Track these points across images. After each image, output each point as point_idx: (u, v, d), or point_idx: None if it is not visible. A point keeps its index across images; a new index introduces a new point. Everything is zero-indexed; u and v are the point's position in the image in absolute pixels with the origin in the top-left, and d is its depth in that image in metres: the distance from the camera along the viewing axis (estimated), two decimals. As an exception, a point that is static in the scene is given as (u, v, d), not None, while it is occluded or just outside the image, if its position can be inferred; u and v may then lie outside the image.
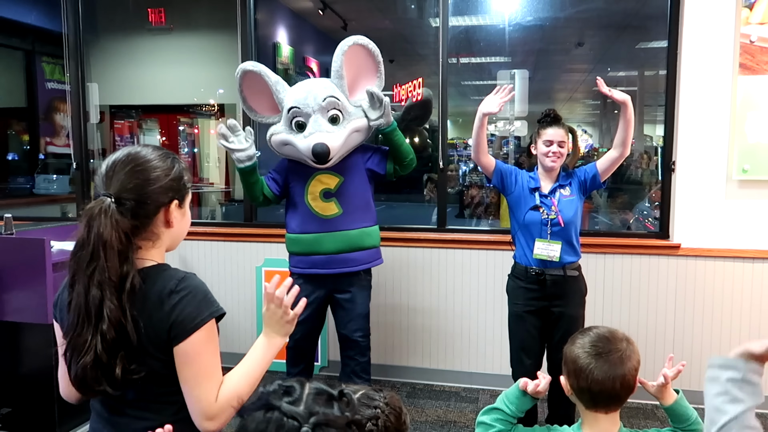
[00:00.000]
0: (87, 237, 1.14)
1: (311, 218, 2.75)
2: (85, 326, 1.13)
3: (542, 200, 2.60)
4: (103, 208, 1.14)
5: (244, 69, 2.78)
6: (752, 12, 3.08)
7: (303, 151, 2.65)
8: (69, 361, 1.16)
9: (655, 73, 5.78)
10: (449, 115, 3.71)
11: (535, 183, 2.63)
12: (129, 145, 1.27)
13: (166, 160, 1.24)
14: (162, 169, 1.21)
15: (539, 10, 4.96)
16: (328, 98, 2.68)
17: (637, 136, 7.85)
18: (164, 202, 1.22)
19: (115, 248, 1.13)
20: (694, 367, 3.27)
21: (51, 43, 4.70)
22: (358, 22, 6.28)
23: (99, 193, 1.17)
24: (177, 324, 1.16)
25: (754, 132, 3.11)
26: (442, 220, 3.65)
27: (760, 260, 3.16)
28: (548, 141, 2.58)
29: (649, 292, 3.31)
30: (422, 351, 3.62)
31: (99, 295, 1.12)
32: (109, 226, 1.13)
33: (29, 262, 2.65)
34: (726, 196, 3.18)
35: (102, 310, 1.12)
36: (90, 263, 1.13)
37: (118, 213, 1.15)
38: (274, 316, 1.29)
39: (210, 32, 5.08)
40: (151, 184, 1.19)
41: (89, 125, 4.23)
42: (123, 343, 1.14)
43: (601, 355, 1.29)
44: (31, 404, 2.77)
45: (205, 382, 1.18)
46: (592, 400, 1.31)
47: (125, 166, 1.19)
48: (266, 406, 0.76)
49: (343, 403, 0.78)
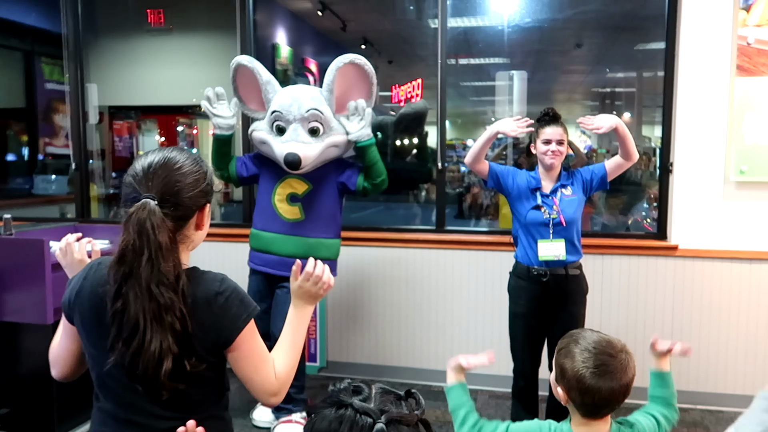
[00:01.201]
0: (138, 240, 1.13)
1: (273, 218, 2.84)
2: (149, 330, 1.12)
3: (543, 200, 2.60)
4: (150, 209, 1.14)
5: (239, 62, 2.86)
6: (749, 14, 3.09)
7: (277, 154, 2.74)
8: (128, 368, 1.15)
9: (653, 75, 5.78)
10: (448, 116, 3.72)
11: (536, 183, 2.64)
12: (162, 148, 1.26)
13: (199, 165, 1.26)
14: (198, 174, 1.24)
15: (538, 12, 4.96)
16: (312, 110, 2.73)
17: (636, 137, 7.86)
18: (200, 206, 1.25)
19: (170, 249, 1.15)
20: (691, 367, 3.29)
21: (50, 44, 4.69)
22: (357, 23, 6.28)
23: (139, 196, 1.16)
24: (227, 326, 1.21)
25: (752, 133, 3.12)
26: (441, 221, 3.66)
27: (757, 261, 3.17)
28: (547, 140, 2.59)
29: (647, 292, 3.31)
30: (420, 351, 3.62)
31: (165, 297, 1.13)
32: (162, 228, 1.14)
33: (28, 263, 2.66)
34: (723, 197, 3.19)
35: (170, 310, 1.13)
36: (146, 267, 1.13)
37: (162, 214, 1.16)
38: (309, 291, 1.36)
39: (209, 33, 5.08)
40: (190, 188, 1.21)
41: (88, 126, 4.24)
42: (186, 339, 1.16)
43: (608, 374, 1.28)
44: (30, 405, 2.77)
45: (262, 368, 1.26)
46: (594, 412, 1.32)
47: (165, 170, 1.20)
48: (338, 404, 0.77)
49: (412, 402, 0.79)
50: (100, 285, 1.19)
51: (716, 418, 3.16)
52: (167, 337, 1.12)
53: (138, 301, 1.13)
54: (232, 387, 1.34)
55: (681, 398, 3.47)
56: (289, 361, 1.31)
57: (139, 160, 1.22)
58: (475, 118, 9.39)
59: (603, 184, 2.67)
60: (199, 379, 1.20)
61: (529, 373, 2.73)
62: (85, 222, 3.99)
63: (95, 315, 1.20)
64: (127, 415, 1.23)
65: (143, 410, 1.21)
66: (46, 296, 2.63)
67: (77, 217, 4.19)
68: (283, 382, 1.29)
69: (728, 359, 3.25)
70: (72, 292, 1.25)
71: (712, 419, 3.15)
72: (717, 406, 3.25)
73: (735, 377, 3.26)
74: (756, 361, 3.23)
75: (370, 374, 3.63)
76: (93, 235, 3.17)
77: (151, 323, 1.13)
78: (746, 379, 3.24)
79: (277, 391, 1.28)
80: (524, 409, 2.77)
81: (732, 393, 3.24)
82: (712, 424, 3.09)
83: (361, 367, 3.60)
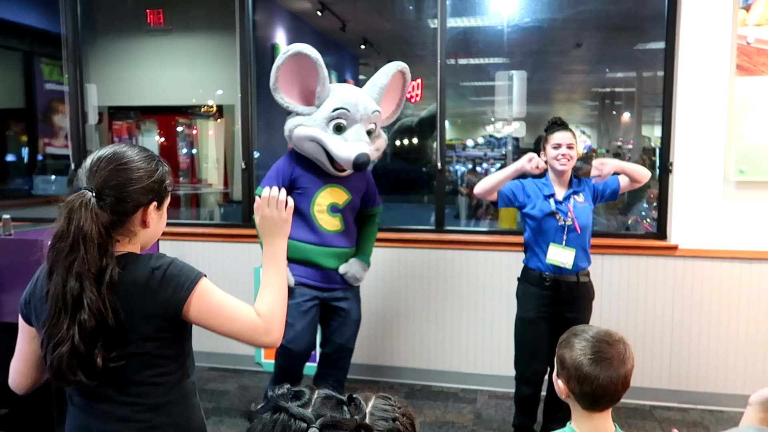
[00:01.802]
0: (67, 228, 1.16)
1: (314, 229, 2.68)
2: (62, 316, 1.15)
3: (558, 206, 2.60)
4: (83, 201, 1.17)
5: (299, 51, 2.57)
6: (749, 13, 3.09)
7: (337, 154, 2.57)
8: (45, 351, 1.19)
9: (653, 74, 5.78)
10: (447, 116, 3.72)
11: (549, 189, 2.63)
12: (118, 144, 1.30)
13: (150, 162, 1.27)
14: (145, 171, 1.25)
15: (537, 12, 4.97)
16: (376, 112, 2.68)
17: (636, 137, 7.86)
18: (143, 203, 1.25)
19: (95, 241, 1.16)
20: (691, 367, 3.29)
21: (50, 44, 4.69)
22: (357, 23, 6.28)
23: (80, 186, 1.20)
24: (172, 296, 1.21)
25: (751, 133, 3.12)
26: (440, 221, 3.66)
27: (757, 261, 3.17)
28: (557, 144, 2.60)
29: (647, 292, 3.31)
30: (420, 352, 3.62)
31: (78, 286, 1.14)
32: (90, 219, 1.16)
33: (27, 264, 2.65)
34: (723, 197, 3.19)
35: (81, 300, 1.14)
36: (69, 254, 1.16)
37: (98, 207, 1.18)
38: (271, 221, 1.36)
39: (209, 33, 5.08)
40: (132, 183, 1.23)
41: (88, 126, 4.23)
42: (103, 333, 1.16)
43: (605, 361, 1.30)
44: (29, 405, 2.77)
45: (237, 314, 1.25)
46: (594, 403, 1.32)
47: (110, 164, 1.22)
48: (274, 408, 0.77)
49: (353, 408, 0.79)
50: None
51: (716, 418, 3.16)
52: (73, 325, 1.14)
53: (57, 287, 1.16)
54: (231, 387, 1.34)
55: (681, 398, 3.49)
56: (273, 298, 1.29)
57: (92, 153, 1.26)
58: (475, 118, 9.38)
59: (613, 197, 2.72)
60: (154, 359, 1.22)
61: (533, 379, 2.71)
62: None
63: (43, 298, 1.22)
64: (89, 402, 1.25)
65: (103, 397, 1.23)
66: (46, 297, 2.62)
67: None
68: (270, 319, 1.26)
69: (728, 359, 3.25)
70: (27, 292, 1.29)
71: (712, 419, 3.15)
72: (717, 406, 3.25)
73: (735, 377, 3.25)
74: (756, 361, 3.22)
75: (367, 374, 3.63)
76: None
77: (60, 312, 1.15)
78: (746, 379, 3.24)
79: (267, 329, 1.26)
80: (527, 416, 2.76)
81: (732, 393, 3.24)
82: (712, 424, 3.09)
83: (358, 368, 3.59)
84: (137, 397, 1.23)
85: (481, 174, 7.91)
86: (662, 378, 3.31)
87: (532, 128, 4.88)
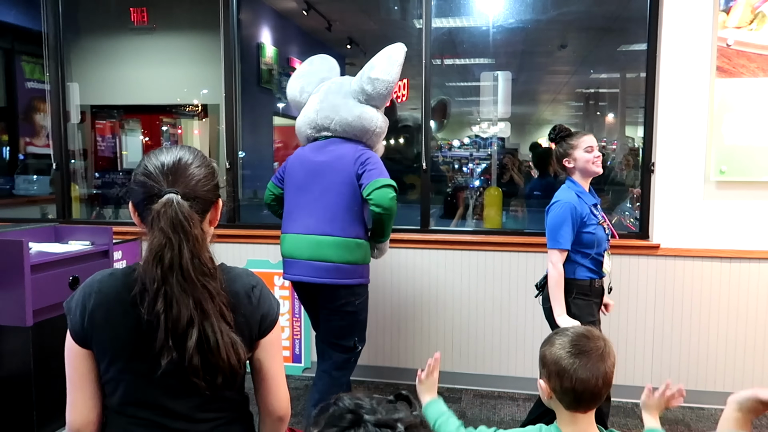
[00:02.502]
0: (175, 234, 1.10)
1: None
2: (209, 322, 1.11)
3: (600, 215, 2.53)
4: (179, 202, 1.12)
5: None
6: (729, 16, 3.13)
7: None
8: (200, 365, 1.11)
9: (636, 76, 5.84)
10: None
11: (593, 199, 2.53)
12: (171, 146, 1.24)
13: (208, 160, 1.25)
14: (209, 169, 1.23)
15: (522, 13, 5.00)
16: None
17: (620, 138, 7.93)
18: (213, 200, 1.24)
19: (204, 240, 1.15)
20: (672, 365, 3.33)
21: (31, 42, 4.63)
22: (343, 23, 6.27)
23: (160, 192, 1.13)
24: (265, 316, 1.23)
25: (731, 134, 3.16)
26: (426, 221, 3.67)
27: (737, 260, 3.22)
28: (589, 147, 2.49)
29: (629, 291, 3.35)
30: (404, 351, 3.62)
31: (212, 285, 1.12)
32: (195, 220, 1.13)
33: (7, 264, 2.61)
34: (704, 197, 3.24)
35: (216, 299, 1.12)
36: (189, 258, 1.11)
37: (189, 208, 1.14)
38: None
39: (193, 32, 5.04)
40: (205, 183, 1.20)
41: (70, 125, 4.19)
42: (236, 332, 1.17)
43: (584, 354, 1.30)
44: (10, 407, 2.73)
45: (283, 374, 1.28)
46: (575, 401, 1.32)
47: (181, 167, 1.18)
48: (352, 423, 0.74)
49: (405, 405, 0.80)
50: (128, 291, 1.14)
51: (697, 415, 3.20)
52: (223, 326, 1.12)
53: (185, 295, 1.10)
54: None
55: (663, 396, 3.50)
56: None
57: (150, 160, 1.18)
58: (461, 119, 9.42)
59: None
60: (235, 377, 1.19)
61: None
62: (66, 223, 3.94)
63: (128, 323, 1.14)
64: (164, 421, 1.18)
65: (181, 415, 1.18)
66: (26, 298, 2.59)
67: (58, 217, 4.14)
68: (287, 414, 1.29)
69: (709, 357, 3.30)
70: (82, 316, 1.17)
71: (693, 416, 3.19)
72: (698, 403, 3.29)
73: (715, 374, 3.30)
74: (736, 359, 3.27)
75: (355, 374, 3.62)
76: (74, 237, 3.14)
77: (205, 314, 1.11)
78: (726, 376, 3.29)
79: (287, 410, 1.28)
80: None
81: (713, 390, 3.28)
82: (693, 422, 3.13)
83: (346, 368, 3.59)
84: (216, 412, 1.20)
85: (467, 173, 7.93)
86: (644, 376, 3.35)
87: (516, 129, 4.92)
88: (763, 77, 3.12)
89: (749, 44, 3.12)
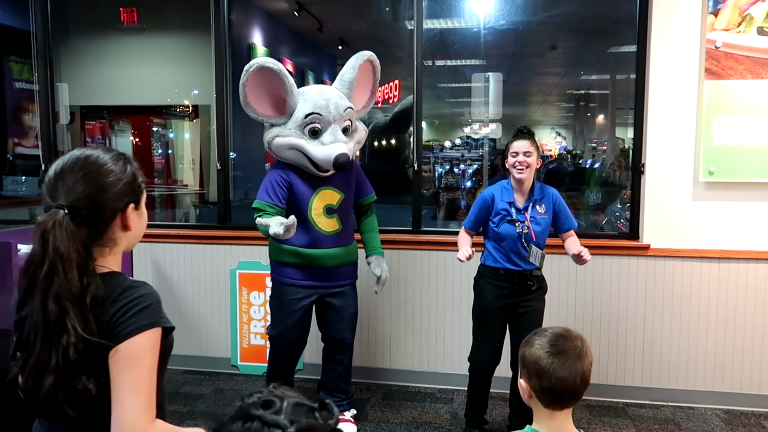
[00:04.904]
0: (42, 252, 1.07)
1: (315, 234, 2.74)
2: (42, 344, 1.08)
3: (518, 215, 2.72)
4: (57, 221, 1.08)
5: (262, 65, 2.62)
6: (717, 18, 3.16)
7: (318, 158, 2.63)
8: (24, 382, 1.11)
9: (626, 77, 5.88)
10: (425, 117, 3.73)
11: (509, 197, 2.74)
12: (81, 148, 1.19)
13: (117, 163, 1.18)
14: (115, 174, 1.16)
15: (513, 14, 5.02)
16: (348, 109, 2.72)
17: (610, 139, 7.98)
18: (120, 208, 1.17)
19: (73, 261, 1.08)
20: (663, 365, 3.35)
21: (19, 42, 4.59)
22: (334, 24, 6.28)
23: (50, 205, 1.10)
24: (115, 325, 1.09)
25: (720, 135, 3.19)
26: (417, 222, 3.67)
27: (726, 260, 3.24)
28: (514, 152, 2.71)
29: (619, 291, 3.37)
30: (397, 353, 3.62)
31: (58, 311, 1.06)
32: (66, 239, 1.07)
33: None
34: (693, 197, 3.26)
35: (64, 323, 1.06)
36: (47, 278, 1.07)
37: (73, 224, 1.09)
38: None
39: (183, 33, 5.02)
40: (105, 190, 1.14)
41: (59, 126, 4.15)
42: (90, 357, 1.08)
43: (562, 353, 1.33)
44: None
45: (139, 397, 1.08)
46: (554, 399, 1.34)
47: (76, 173, 1.13)
48: (245, 417, 0.75)
49: (325, 413, 0.78)
50: None
51: (687, 414, 3.23)
52: (55, 354, 1.06)
53: (36, 314, 1.08)
54: (206, 390, 1.31)
55: (653, 396, 3.55)
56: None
57: (54, 163, 1.15)
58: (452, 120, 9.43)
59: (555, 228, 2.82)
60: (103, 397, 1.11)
61: (488, 367, 2.85)
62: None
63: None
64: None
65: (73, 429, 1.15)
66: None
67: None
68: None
69: (699, 357, 3.32)
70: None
71: (683, 416, 3.21)
72: (688, 403, 3.31)
73: (705, 375, 3.32)
74: (725, 359, 3.30)
75: (347, 376, 3.62)
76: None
77: (41, 339, 1.07)
78: (716, 376, 3.31)
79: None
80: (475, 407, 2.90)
81: (702, 390, 3.31)
82: (683, 421, 3.15)
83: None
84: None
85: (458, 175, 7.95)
86: (635, 376, 3.37)
87: (508, 129, 4.93)
88: (751, 79, 3.15)
89: (737, 46, 3.15)
